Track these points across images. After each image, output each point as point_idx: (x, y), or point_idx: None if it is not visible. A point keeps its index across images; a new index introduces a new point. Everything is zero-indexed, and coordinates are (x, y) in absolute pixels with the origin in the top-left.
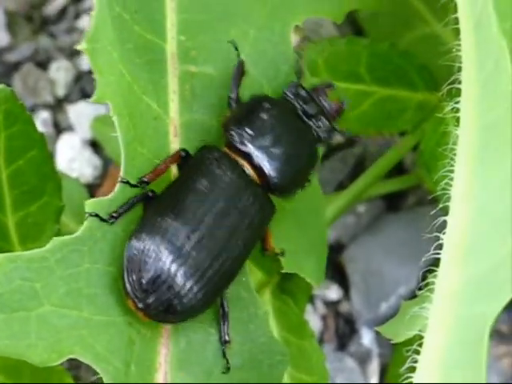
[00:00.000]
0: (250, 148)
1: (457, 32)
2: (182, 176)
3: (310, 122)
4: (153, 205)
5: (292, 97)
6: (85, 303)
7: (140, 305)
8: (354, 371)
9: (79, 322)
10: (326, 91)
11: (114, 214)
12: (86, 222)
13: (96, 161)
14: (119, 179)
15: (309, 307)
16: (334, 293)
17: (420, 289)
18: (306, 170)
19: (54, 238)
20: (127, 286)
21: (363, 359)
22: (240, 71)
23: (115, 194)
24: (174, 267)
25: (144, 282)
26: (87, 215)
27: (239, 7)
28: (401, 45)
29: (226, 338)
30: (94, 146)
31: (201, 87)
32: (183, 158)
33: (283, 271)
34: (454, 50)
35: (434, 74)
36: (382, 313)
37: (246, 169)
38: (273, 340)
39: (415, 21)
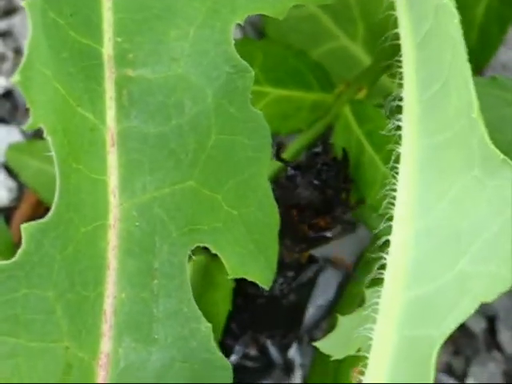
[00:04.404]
0: None
1: (367, 46)
2: None
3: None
4: None
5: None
6: (21, 330)
7: None
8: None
9: (16, 350)
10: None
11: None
12: (22, 247)
13: (11, 184)
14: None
15: None
16: None
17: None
18: None
19: None
20: None
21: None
22: None
23: (51, 217)
24: None
25: None
26: (24, 239)
27: (178, 4)
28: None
29: None
30: (8, 168)
31: (139, 92)
32: None
33: (230, 277)
34: (394, 66)
35: (329, 75)
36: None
37: None
38: (215, 356)
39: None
